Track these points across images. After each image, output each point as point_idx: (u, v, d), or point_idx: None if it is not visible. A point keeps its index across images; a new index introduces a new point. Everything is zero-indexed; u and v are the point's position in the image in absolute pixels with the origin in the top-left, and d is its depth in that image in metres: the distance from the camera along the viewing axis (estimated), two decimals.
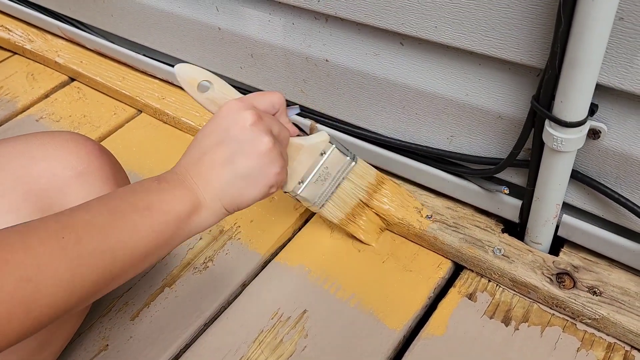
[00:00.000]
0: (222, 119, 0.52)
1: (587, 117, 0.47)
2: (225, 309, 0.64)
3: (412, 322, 0.61)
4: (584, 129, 0.48)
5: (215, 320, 0.63)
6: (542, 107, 0.48)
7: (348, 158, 0.63)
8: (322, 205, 0.64)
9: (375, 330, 0.60)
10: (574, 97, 0.45)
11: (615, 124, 0.49)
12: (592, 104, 0.47)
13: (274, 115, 0.56)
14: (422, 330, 0.60)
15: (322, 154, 0.61)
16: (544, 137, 0.50)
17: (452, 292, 0.63)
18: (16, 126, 0.95)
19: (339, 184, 0.64)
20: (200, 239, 0.72)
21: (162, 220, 0.45)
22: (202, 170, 0.50)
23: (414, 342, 0.59)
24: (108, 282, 0.42)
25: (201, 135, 0.52)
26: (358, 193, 0.66)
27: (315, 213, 0.73)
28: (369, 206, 0.67)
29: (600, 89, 0.47)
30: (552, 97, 0.47)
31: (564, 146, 0.49)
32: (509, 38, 0.48)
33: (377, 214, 0.68)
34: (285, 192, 0.61)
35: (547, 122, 0.49)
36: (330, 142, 0.61)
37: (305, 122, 0.75)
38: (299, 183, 0.61)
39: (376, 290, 0.64)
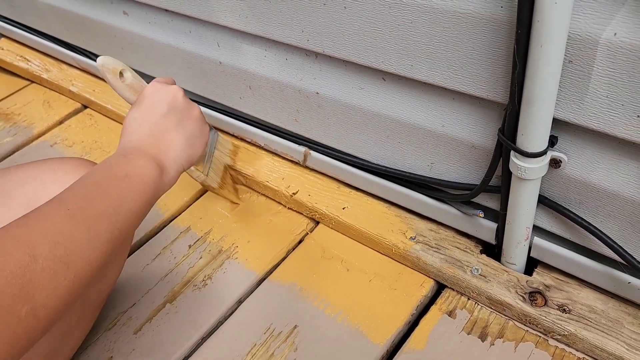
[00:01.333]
0: (154, 94, 0.62)
1: (547, 148, 0.52)
2: (222, 323, 0.69)
3: (395, 337, 0.65)
4: (545, 158, 0.52)
5: (212, 334, 0.68)
6: (507, 139, 0.53)
7: (213, 130, 0.78)
8: (207, 174, 0.77)
9: (360, 344, 0.64)
10: (532, 131, 0.50)
11: (574, 154, 0.53)
12: (552, 136, 0.52)
13: None
14: (404, 345, 0.63)
15: None
16: (510, 166, 0.54)
17: (434, 309, 0.67)
18: (32, 151, 1.01)
19: (212, 154, 0.79)
20: (201, 257, 0.77)
21: (142, 182, 0.53)
22: (159, 139, 0.59)
23: (396, 356, 0.63)
24: (120, 238, 0.48)
25: (138, 115, 0.60)
26: (224, 158, 0.83)
27: (307, 234, 0.78)
28: (233, 169, 0.85)
29: (559, 123, 0.51)
30: (516, 130, 0.52)
31: (527, 174, 0.53)
32: (475, 76, 0.53)
33: (236, 174, 0.85)
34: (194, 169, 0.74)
35: (512, 152, 0.53)
36: None
37: (300, 149, 0.81)
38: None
39: (362, 308, 0.68)
